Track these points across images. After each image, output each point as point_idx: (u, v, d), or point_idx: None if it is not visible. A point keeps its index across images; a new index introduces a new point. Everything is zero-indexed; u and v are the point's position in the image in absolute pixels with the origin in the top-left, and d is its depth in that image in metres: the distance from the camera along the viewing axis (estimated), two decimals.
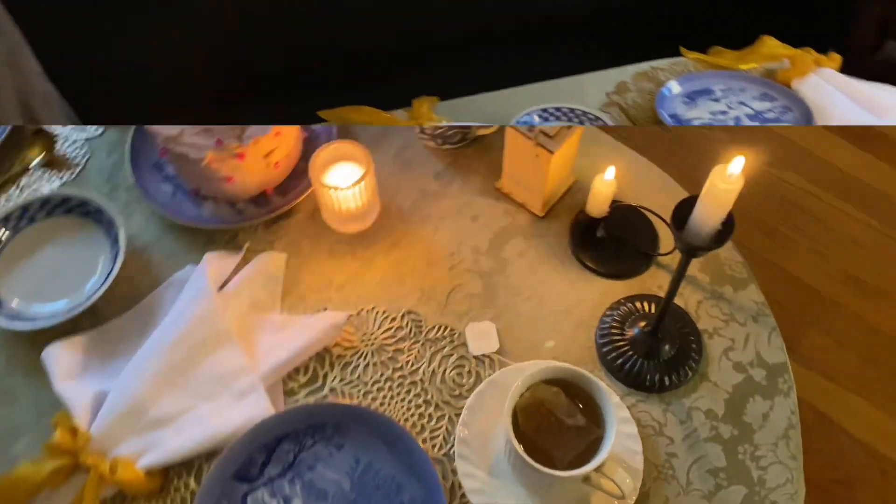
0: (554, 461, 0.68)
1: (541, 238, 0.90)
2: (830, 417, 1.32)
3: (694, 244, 0.63)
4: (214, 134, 0.83)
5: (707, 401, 0.80)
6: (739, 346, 0.83)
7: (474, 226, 0.90)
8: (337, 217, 0.88)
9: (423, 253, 0.89)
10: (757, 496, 0.75)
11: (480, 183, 0.93)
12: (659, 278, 0.87)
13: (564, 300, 0.86)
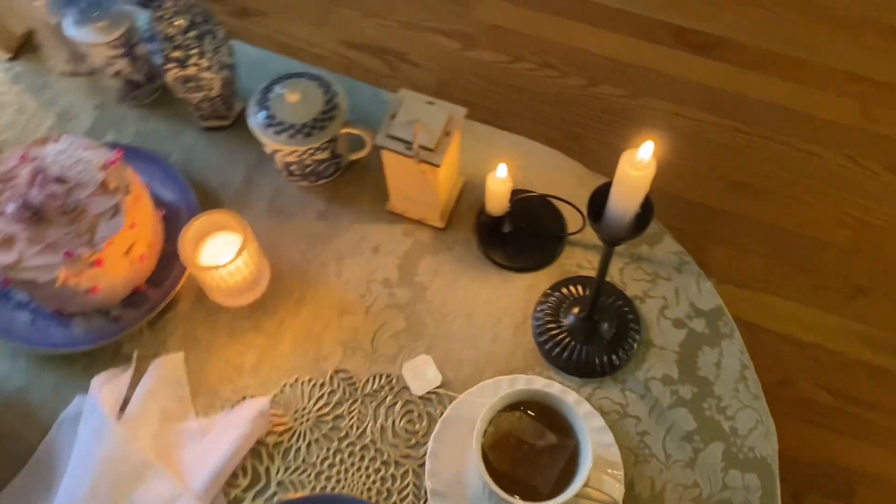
0: (538, 491, 0.63)
1: (449, 250, 0.84)
2: (753, 323, 1.36)
3: (614, 235, 0.59)
4: (60, 247, 0.72)
5: (659, 367, 0.78)
6: (672, 302, 0.81)
7: (377, 257, 0.84)
8: (226, 293, 0.79)
9: (333, 303, 0.81)
10: (734, 447, 0.74)
11: (369, 210, 0.87)
12: (576, 257, 0.84)
13: (492, 307, 0.81)
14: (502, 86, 1.61)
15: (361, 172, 0.89)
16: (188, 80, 0.82)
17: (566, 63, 1.64)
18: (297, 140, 0.78)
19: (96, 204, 0.74)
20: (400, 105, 0.76)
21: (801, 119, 1.58)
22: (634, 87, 1.61)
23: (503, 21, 1.69)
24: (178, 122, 0.92)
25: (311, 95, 0.79)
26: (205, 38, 0.80)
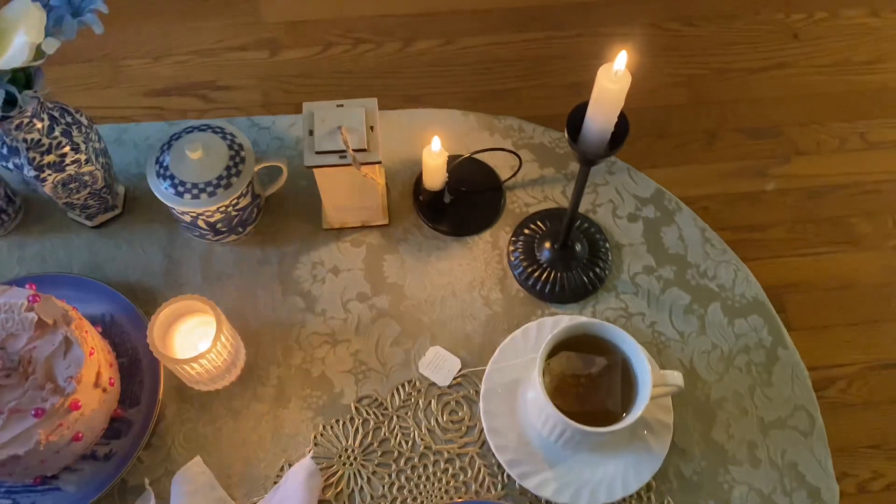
0: (613, 412, 0.66)
1: (404, 241, 0.83)
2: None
3: (590, 152, 0.62)
4: (26, 409, 0.63)
5: (636, 262, 0.83)
6: (618, 201, 0.86)
7: (341, 277, 0.81)
8: (209, 379, 0.73)
9: (320, 339, 0.78)
10: (729, 300, 0.81)
11: (307, 236, 0.83)
12: (520, 198, 0.86)
13: (470, 276, 0.81)
14: (326, 75, 1.58)
15: (279, 204, 0.85)
16: (68, 181, 0.73)
17: (375, 33, 1.64)
18: (219, 196, 0.73)
19: (42, 347, 0.65)
20: (313, 119, 0.73)
21: (596, 9, 1.69)
22: (447, 34, 1.64)
23: (296, 16, 1.65)
24: (62, 233, 0.82)
25: (210, 146, 0.74)
26: (72, 130, 0.71)
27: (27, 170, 0.70)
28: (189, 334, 0.73)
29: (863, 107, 1.59)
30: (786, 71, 1.62)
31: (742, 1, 1.70)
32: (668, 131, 1.54)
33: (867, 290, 1.41)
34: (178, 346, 0.72)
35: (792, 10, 1.70)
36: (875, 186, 1.50)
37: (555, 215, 0.84)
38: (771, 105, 1.58)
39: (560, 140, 0.89)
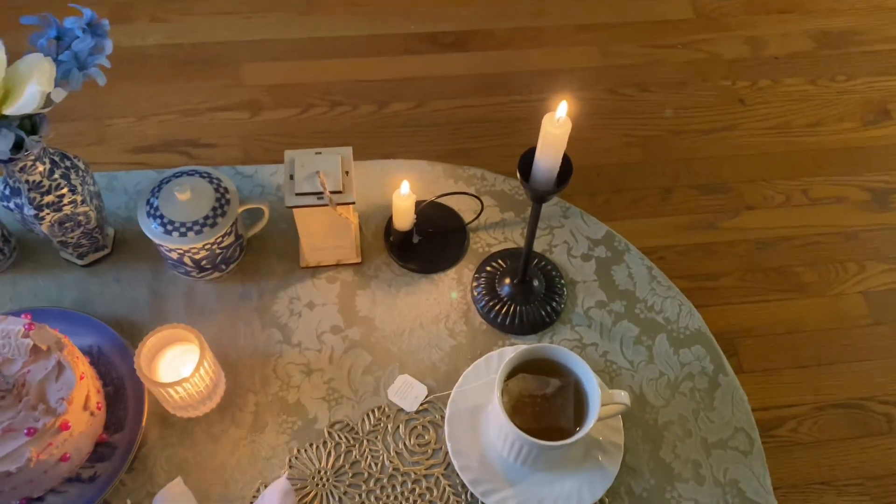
0: (566, 429, 0.72)
1: (375, 278, 0.90)
2: None
3: (541, 190, 0.69)
4: (18, 428, 0.67)
5: (590, 297, 0.90)
6: (573, 242, 0.94)
7: (316, 311, 0.87)
8: (190, 405, 0.78)
9: (296, 369, 0.83)
10: (674, 332, 0.88)
11: (285, 274, 0.89)
12: (482, 240, 0.93)
13: (436, 309, 0.88)
14: (304, 135, 1.67)
15: (260, 245, 0.91)
16: (64, 220, 0.79)
17: (350, 96, 1.74)
18: (205, 234, 0.79)
19: (35, 371, 0.70)
20: (293, 165, 0.80)
21: (559, 74, 1.81)
22: (418, 96, 1.75)
23: (276, 79, 1.74)
24: (54, 271, 0.88)
25: (198, 188, 0.81)
26: (70, 174, 0.78)
27: (27, 209, 0.76)
28: (173, 361, 0.78)
29: (805, 165, 1.71)
30: (734, 132, 1.74)
31: (691, 70, 1.84)
32: (625, 187, 1.64)
33: (813, 334, 1.49)
34: (162, 373, 0.77)
35: (737, 78, 1.83)
36: (818, 238, 1.60)
37: (514, 254, 0.91)
38: (721, 163, 1.69)
39: (518, 188, 0.97)
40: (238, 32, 1.80)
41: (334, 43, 1.82)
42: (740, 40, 1.90)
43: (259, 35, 1.80)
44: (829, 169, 1.70)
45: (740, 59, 1.87)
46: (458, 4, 1.90)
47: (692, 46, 1.88)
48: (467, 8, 1.90)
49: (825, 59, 1.89)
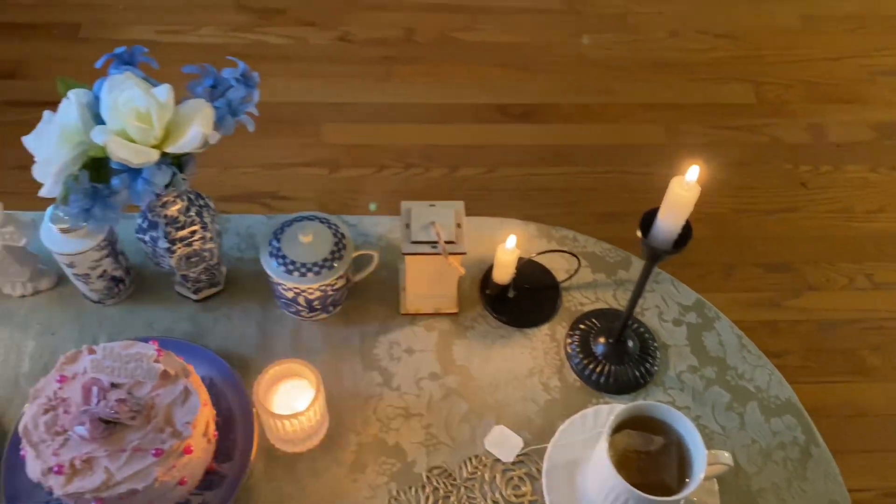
0: (671, 487, 0.73)
1: (471, 329, 0.93)
2: None
3: (659, 249, 0.73)
4: (146, 449, 0.70)
5: (681, 362, 0.92)
6: (664, 307, 0.96)
7: (414, 357, 0.90)
8: (296, 441, 0.81)
9: (396, 412, 0.86)
10: (765, 401, 0.89)
11: (385, 319, 0.93)
12: (574, 298, 0.96)
13: (530, 363, 0.90)
14: (378, 193, 1.73)
15: (363, 290, 0.95)
16: (192, 255, 0.84)
17: (423, 159, 1.81)
18: (322, 275, 0.84)
19: (164, 395, 0.74)
20: (409, 215, 0.84)
21: (624, 150, 1.87)
22: (488, 163, 1.81)
23: (354, 140, 1.82)
24: (168, 304, 0.92)
25: (318, 232, 0.85)
26: (203, 212, 0.83)
27: (161, 242, 0.81)
28: (285, 396, 0.81)
29: (868, 250, 1.72)
30: (796, 214, 1.77)
31: (754, 152, 1.88)
32: (689, 261, 1.67)
33: (879, 419, 1.48)
34: (274, 406, 0.80)
35: (799, 162, 1.87)
36: (882, 323, 1.61)
37: (607, 315, 0.94)
38: (784, 243, 1.71)
39: (609, 250, 1.01)
40: (320, 95, 1.89)
41: (409, 109, 1.90)
42: (801, 127, 1.95)
43: (340, 98, 1.89)
44: (892, 255, 1.72)
45: (802, 145, 1.91)
46: (527, 80, 1.99)
47: (755, 130, 1.93)
48: (535, 83, 1.98)
49: (885, 149, 1.92)
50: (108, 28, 2.00)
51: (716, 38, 2.14)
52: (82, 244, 0.82)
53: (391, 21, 2.08)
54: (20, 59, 1.91)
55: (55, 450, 0.70)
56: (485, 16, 2.11)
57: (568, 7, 2.16)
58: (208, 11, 2.05)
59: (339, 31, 2.04)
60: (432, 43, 2.04)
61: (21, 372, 0.86)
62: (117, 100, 0.69)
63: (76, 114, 0.70)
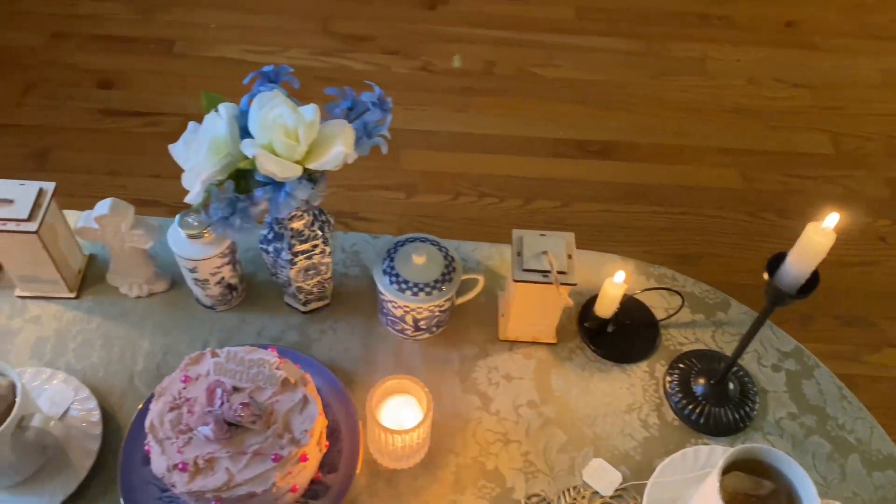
0: None
1: (569, 360, 0.93)
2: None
3: (784, 292, 0.73)
4: (266, 453, 0.72)
5: (780, 408, 0.91)
6: (762, 352, 0.96)
7: (513, 384, 0.91)
8: (401, 457, 0.82)
9: (495, 437, 0.87)
10: (866, 453, 0.88)
11: (483, 343, 0.94)
12: (673, 337, 0.96)
13: (628, 399, 0.91)
14: (453, 220, 1.76)
15: (462, 313, 0.97)
16: (310, 268, 0.87)
17: (498, 189, 1.83)
18: (433, 296, 0.86)
19: (283, 401, 0.76)
20: (521, 243, 0.86)
21: (699, 192, 1.87)
22: (563, 197, 1.83)
23: (431, 167, 1.86)
24: (277, 313, 0.95)
25: (430, 255, 0.87)
26: (324, 227, 0.86)
27: (285, 254, 0.84)
28: (390, 411, 0.82)
29: None
30: (875, 268, 1.75)
31: (831, 202, 1.87)
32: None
33: None
34: (381, 420, 0.81)
35: (878, 216, 1.85)
36: None
37: (707, 356, 0.94)
38: (862, 297, 1.69)
39: (708, 291, 1.01)
40: (400, 121, 1.93)
41: (486, 139, 1.93)
42: (881, 180, 1.93)
43: (419, 125, 1.94)
44: None
45: (881, 199, 1.89)
46: (604, 117, 2.01)
47: (832, 181, 1.92)
48: (612, 121, 2.00)
49: None
50: (201, 45, 2.08)
51: (793, 87, 2.14)
52: (207, 250, 0.86)
53: (472, 53, 2.13)
54: (118, 71, 2.00)
55: (179, 447, 0.73)
56: (563, 53, 2.14)
57: (646, 49, 2.19)
58: (296, 34, 2.12)
59: (420, 61, 2.09)
60: (511, 76, 2.08)
61: (136, 370, 0.89)
62: (267, 116, 0.72)
63: (225, 127, 0.73)
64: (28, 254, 0.87)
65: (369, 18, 2.19)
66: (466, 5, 2.25)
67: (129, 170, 1.79)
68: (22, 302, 0.94)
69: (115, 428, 0.85)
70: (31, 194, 0.85)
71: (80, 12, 2.12)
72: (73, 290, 0.94)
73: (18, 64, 2.00)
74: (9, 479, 0.78)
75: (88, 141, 1.85)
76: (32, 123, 1.87)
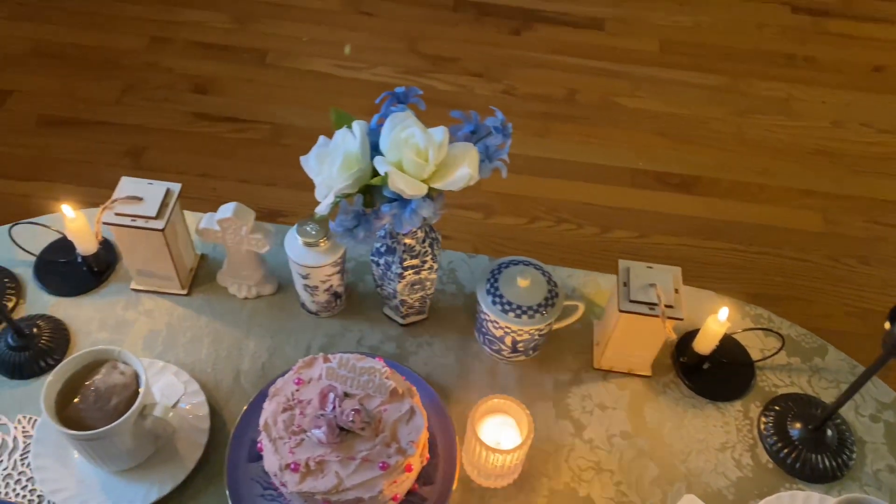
0: None
1: (663, 394, 0.94)
2: None
3: None
4: (374, 461, 0.74)
5: (878, 459, 0.89)
6: (860, 401, 0.94)
7: (607, 413, 0.91)
8: (496, 475, 0.83)
9: (587, 464, 0.87)
10: None
11: (577, 370, 0.95)
12: (769, 379, 0.96)
13: (722, 437, 0.90)
14: (529, 243, 1.77)
15: (557, 338, 0.98)
16: (416, 283, 0.89)
17: (576, 216, 1.84)
18: (535, 319, 0.87)
19: (391, 410, 0.78)
20: (628, 274, 0.87)
21: (780, 233, 1.85)
22: (641, 227, 1.82)
23: (509, 189, 1.87)
24: (375, 324, 0.98)
25: (535, 278, 0.89)
26: (434, 244, 0.88)
27: (395, 267, 0.87)
28: (487, 430, 0.84)
29: None
30: None
31: None
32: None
33: None
34: (486, 432, 0.83)
35: None
36: None
37: (803, 400, 0.93)
38: None
39: (805, 335, 1.00)
40: None
41: (565, 165, 1.94)
42: None
43: None
44: None
45: None
46: (685, 151, 2.00)
47: None
48: (694, 155, 1.99)
49: None
50: (292, 57, 2.14)
51: (879, 132, 2.10)
52: (322, 258, 0.89)
53: (555, 80, 2.15)
54: (212, 77, 2.07)
55: (291, 448, 0.75)
56: (647, 85, 2.15)
57: (730, 85, 2.18)
58: (384, 52, 2.17)
59: (504, 85, 2.12)
60: (593, 105, 2.09)
61: (241, 368, 0.93)
62: (399, 135, 0.75)
63: (358, 144, 0.76)
64: (150, 250, 0.92)
65: (456, 41, 2.23)
66: (551, 33, 2.28)
67: (219, 173, 1.86)
68: (136, 295, 0.98)
69: (221, 423, 0.88)
70: (160, 194, 0.90)
71: (180, 19, 2.21)
72: (184, 287, 0.98)
73: (119, 65, 2.09)
74: (123, 464, 0.82)
75: (181, 142, 1.92)
76: (130, 122, 1.96)
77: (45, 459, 0.83)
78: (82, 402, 0.78)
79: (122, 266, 1.00)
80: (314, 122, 1.98)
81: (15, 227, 1.01)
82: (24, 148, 1.89)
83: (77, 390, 0.79)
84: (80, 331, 0.94)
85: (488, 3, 2.34)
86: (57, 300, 0.97)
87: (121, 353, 0.80)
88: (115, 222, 0.88)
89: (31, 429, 0.86)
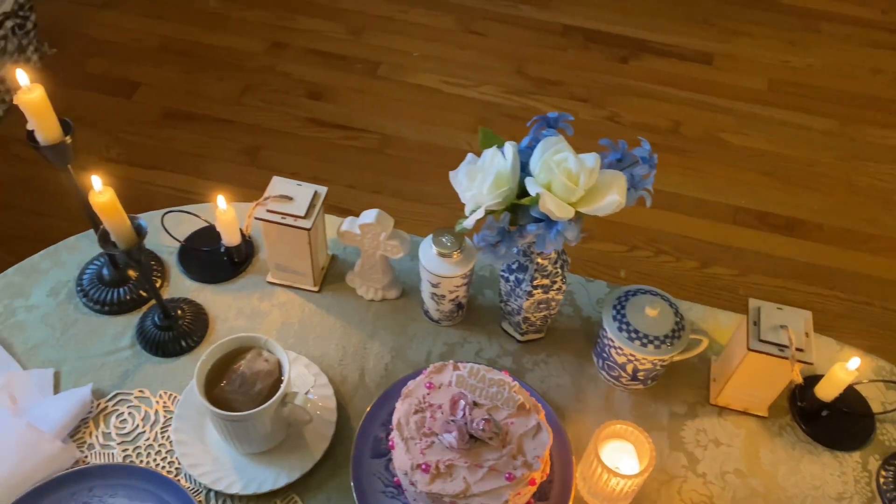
0: None
1: (779, 437, 0.93)
2: None
3: None
4: (500, 471, 0.77)
5: None
6: None
7: (721, 450, 0.92)
8: (610, 499, 0.84)
9: (700, 499, 0.87)
10: None
11: (693, 403, 0.95)
12: (889, 432, 0.94)
13: (838, 486, 0.89)
14: (628, 272, 1.77)
15: (673, 371, 0.98)
16: (541, 302, 0.92)
17: (675, 248, 1.83)
18: (662, 350, 0.88)
19: (518, 424, 0.80)
20: (758, 314, 0.87)
21: (885, 284, 1.80)
22: (740, 266, 1.80)
23: (612, 217, 1.88)
24: (493, 337, 1.00)
25: (662, 309, 0.90)
26: (564, 266, 0.91)
27: (525, 284, 0.89)
28: (607, 453, 0.85)
29: None
30: None
31: None
32: None
33: None
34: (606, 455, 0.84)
35: None
36: None
37: None
38: None
39: None
40: None
41: (666, 197, 1.94)
42: None
43: None
44: None
45: None
46: (789, 192, 1.97)
47: None
48: (798, 197, 1.96)
49: None
50: (402, 71, 2.21)
51: None
52: (453, 269, 0.92)
53: (660, 111, 2.15)
54: (327, 84, 2.15)
55: (422, 449, 0.78)
56: (754, 122, 2.13)
57: (839, 129, 2.13)
58: (491, 72, 2.21)
59: (608, 111, 2.14)
60: (697, 139, 2.09)
61: (366, 367, 0.97)
62: (552, 158, 0.78)
63: (509, 164, 0.79)
64: (293, 246, 0.97)
65: (562, 65, 2.25)
66: (658, 63, 2.28)
67: (329, 177, 1.93)
68: (272, 288, 1.04)
69: (346, 417, 0.92)
70: (308, 195, 0.95)
71: (299, 26, 2.31)
72: (316, 285, 1.03)
73: (240, 66, 2.19)
74: (257, 447, 0.87)
75: (294, 145, 2.00)
76: (248, 122, 2.05)
77: (185, 434, 0.88)
78: (229, 384, 0.83)
79: (258, 259, 1.06)
80: (420, 134, 2.04)
81: (166, 215, 1.08)
82: (149, 138, 2.01)
83: (223, 373, 0.84)
84: (219, 317, 1.00)
85: (597, 31, 2.36)
86: (198, 286, 1.03)
87: (267, 342, 0.85)
88: (266, 218, 0.94)
89: (172, 404, 0.92)
